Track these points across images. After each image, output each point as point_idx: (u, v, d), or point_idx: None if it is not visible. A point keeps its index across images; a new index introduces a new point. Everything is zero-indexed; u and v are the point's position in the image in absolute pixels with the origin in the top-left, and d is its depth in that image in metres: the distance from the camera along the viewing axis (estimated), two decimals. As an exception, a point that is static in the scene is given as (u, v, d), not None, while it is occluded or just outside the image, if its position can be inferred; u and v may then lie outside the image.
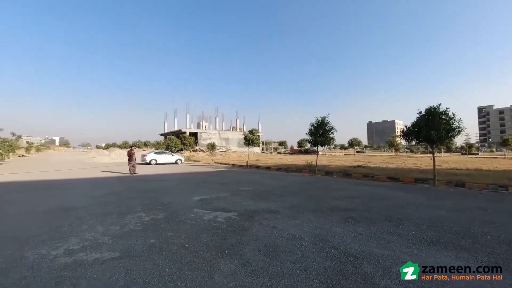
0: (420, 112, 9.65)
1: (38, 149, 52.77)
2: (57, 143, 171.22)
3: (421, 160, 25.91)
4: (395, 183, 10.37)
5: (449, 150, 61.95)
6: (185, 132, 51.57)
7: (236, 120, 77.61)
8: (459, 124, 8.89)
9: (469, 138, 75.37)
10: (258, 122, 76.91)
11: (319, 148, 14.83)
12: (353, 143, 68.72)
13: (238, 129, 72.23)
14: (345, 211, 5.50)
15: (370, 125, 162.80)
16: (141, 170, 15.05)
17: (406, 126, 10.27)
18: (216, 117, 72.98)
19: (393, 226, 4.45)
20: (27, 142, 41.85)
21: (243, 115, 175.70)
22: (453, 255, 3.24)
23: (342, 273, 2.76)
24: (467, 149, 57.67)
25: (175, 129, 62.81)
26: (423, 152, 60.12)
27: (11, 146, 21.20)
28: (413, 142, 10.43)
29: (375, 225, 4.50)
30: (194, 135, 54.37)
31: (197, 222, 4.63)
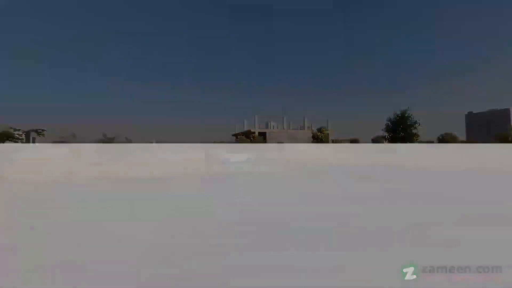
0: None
1: (141, 150, 66.50)
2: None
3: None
4: None
5: None
6: (254, 132, 54.35)
7: (304, 118, 76.31)
8: None
9: None
10: (327, 120, 73.32)
11: (399, 145, 13.40)
12: (445, 139, 56.61)
13: (305, 128, 70.93)
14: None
15: (470, 116, 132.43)
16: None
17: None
18: (283, 117, 73.60)
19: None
20: (133, 144, 53.48)
21: (312, 113, 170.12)
22: None
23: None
24: None
25: (245, 129, 66.78)
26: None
27: (126, 149, 27.56)
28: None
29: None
30: (263, 135, 56.62)
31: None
